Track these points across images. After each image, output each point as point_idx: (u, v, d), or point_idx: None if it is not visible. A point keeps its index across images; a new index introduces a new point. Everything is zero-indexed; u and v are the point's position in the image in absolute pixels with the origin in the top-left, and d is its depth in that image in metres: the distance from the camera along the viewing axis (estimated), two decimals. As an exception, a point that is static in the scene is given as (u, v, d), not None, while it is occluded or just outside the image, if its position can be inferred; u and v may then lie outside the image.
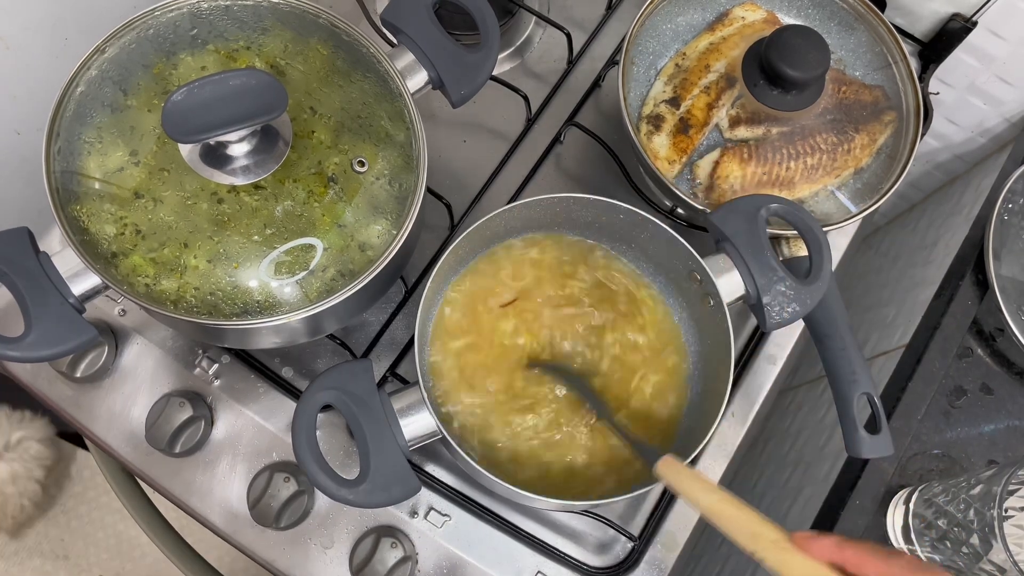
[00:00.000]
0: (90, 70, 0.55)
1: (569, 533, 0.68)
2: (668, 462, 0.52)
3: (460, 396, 0.61)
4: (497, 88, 0.77)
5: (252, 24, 0.58)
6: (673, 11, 0.73)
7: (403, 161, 0.58)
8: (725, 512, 0.47)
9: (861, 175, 0.70)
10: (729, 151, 0.68)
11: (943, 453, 0.72)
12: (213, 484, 0.67)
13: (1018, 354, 0.75)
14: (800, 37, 0.64)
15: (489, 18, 0.61)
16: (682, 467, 0.51)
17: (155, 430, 0.65)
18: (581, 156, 0.79)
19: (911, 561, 0.40)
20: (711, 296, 0.59)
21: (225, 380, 0.69)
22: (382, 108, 0.58)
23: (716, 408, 0.56)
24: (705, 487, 0.49)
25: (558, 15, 0.83)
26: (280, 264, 0.54)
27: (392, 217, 0.56)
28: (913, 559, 0.41)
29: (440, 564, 0.66)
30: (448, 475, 0.69)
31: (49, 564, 1.47)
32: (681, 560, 0.68)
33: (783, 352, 0.74)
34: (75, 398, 0.69)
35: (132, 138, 0.54)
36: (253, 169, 0.54)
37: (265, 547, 0.66)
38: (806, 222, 0.59)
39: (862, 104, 0.70)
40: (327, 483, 0.51)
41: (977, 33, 0.79)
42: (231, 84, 0.49)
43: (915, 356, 0.74)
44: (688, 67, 0.71)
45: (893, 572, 0.40)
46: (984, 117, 0.88)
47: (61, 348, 0.50)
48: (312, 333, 0.62)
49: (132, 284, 0.52)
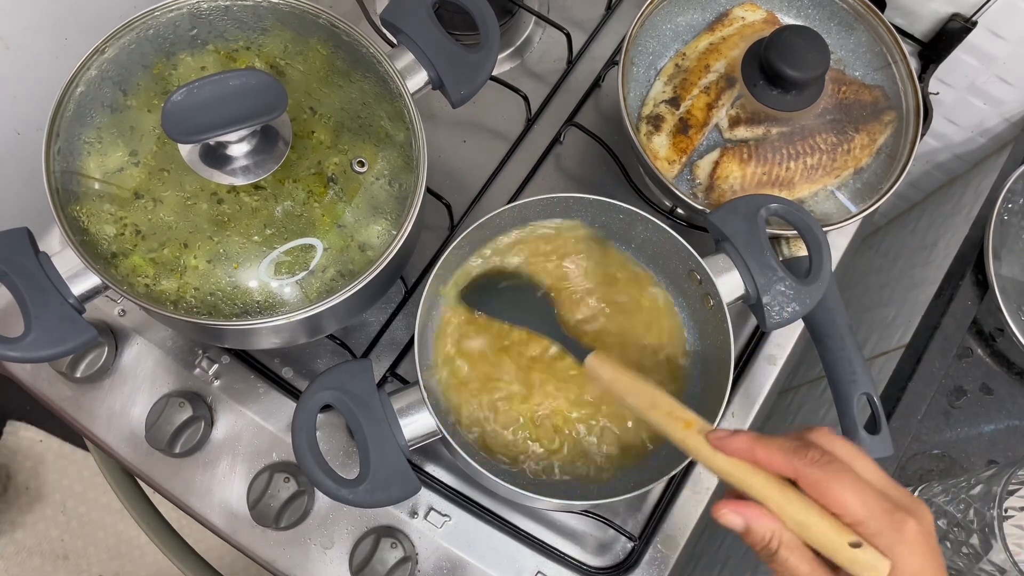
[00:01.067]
0: (90, 70, 0.55)
1: (569, 533, 0.68)
2: (596, 359, 0.55)
3: (460, 396, 0.61)
4: (497, 88, 0.77)
5: (252, 24, 0.58)
6: (673, 11, 0.73)
7: (403, 161, 0.58)
8: (635, 388, 0.50)
9: (861, 175, 0.70)
10: (729, 151, 0.68)
11: (943, 453, 0.72)
12: (213, 484, 0.67)
13: (1018, 354, 0.75)
14: (800, 37, 0.64)
15: (489, 18, 0.61)
16: (610, 362, 0.54)
17: (155, 430, 0.65)
18: (581, 156, 0.79)
19: (813, 456, 0.42)
20: (711, 296, 0.59)
21: (225, 380, 0.69)
22: (382, 108, 0.58)
23: (716, 408, 0.56)
24: (632, 378, 0.52)
25: (558, 15, 0.83)
26: (280, 264, 0.54)
27: (392, 217, 0.56)
28: (817, 451, 0.42)
29: (440, 564, 0.66)
30: (448, 475, 0.69)
31: (49, 564, 1.47)
32: (681, 560, 0.68)
33: (783, 352, 0.74)
34: (75, 398, 0.69)
35: (132, 138, 0.54)
36: (253, 169, 0.54)
37: (265, 547, 0.66)
38: (806, 222, 0.59)
39: (862, 104, 0.70)
40: (327, 483, 0.51)
41: (977, 33, 0.79)
42: (231, 84, 0.49)
43: (915, 356, 0.74)
44: (688, 67, 0.71)
45: (796, 467, 0.42)
46: (984, 117, 0.88)
47: (61, 348, 0.50)
48: (312, 333, 0.62)
49: (132, 284, 0.52)
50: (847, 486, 0.41)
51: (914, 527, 0.40)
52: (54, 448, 1.53)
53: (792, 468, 0.42)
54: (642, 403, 0.50)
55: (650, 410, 0.49)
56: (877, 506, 0.41)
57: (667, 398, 0.49)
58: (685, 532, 0.68)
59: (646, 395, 0.50)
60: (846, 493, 0.41)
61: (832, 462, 0.42)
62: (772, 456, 0.43)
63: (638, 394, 0.51)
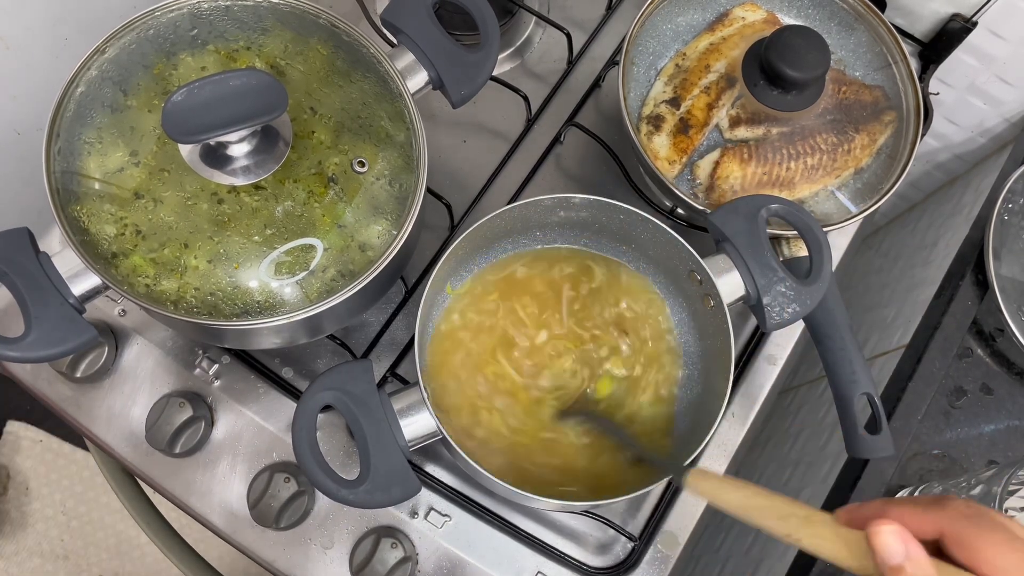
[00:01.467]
0: (90, 70, 0.55)
1: (569, 533, 0.68)
2: (698, 474, 0.49)
3: (460, 396, 0.61)
4: (497, 88, 0.77)
5: (252, 24, 0.58)
6: (673, 11, 0.73)
7: (403, 161, 0.58)
8: (755, 504, 0.44)
9: (861, 175, 0.70)
10: (729, 151, 0.68)
11: (943, 453, 0.72)
12: (213, 484, 0.67)
13: (1018, 354, 0.75)
14: (800, 37, 0.64)
15: (489, 18, 0.61)
16: (710, 474, 0.49)
17: (155, 430, 0.65)
18: (581, 156, 0.79)
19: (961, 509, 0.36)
20: (711, 296, 0.59)
21: (225, 380, 0.69)
22: (382, 108, 0.58)
23: (716, 408, 0.56)
24: (734, 486, 0.46)
25: (558, 15, 0.83)
26: (280, 264, 0.54)
27: (392, 217, 0.56)
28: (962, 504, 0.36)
29: (440, 564, 0.66)
30: (448, 475, 0.69)
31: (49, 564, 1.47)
32: (681, 560, 0.68)
33: (783, 352, 0.74)
34: (75, 398, 0.69)
35: (132, 138, 0.54)
36: (253, 169, 0.54)
37: (265, 547, 0.66)
38: (806, 222, 0.59)
39: (862, 104, 0.70)
40: (327, 483, 0.51)
41: (977, 33, 0.79)
42: (231, 84, 0.49)
43: (915, 356, 0.74)
44: (688, 67, 0.71)
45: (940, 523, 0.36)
46: (984, 117, 0.88)
47: (61, 348, 0.50)
48: (312, 333, 0.62)
49: (132, 284, 0.52)
50: (1001, 545, 0.34)
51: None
52: (54, 448, 1.53)
53: (935, 524, 0.36)
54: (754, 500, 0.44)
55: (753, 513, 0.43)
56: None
57: (776, 494, 0.44)
58: (685, 532, 0.68)
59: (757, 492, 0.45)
60: (1002, 552, 0.34)
61: (983, 516, 0.35)
62: (904, 513, 0.37)
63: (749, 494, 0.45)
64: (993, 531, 0.35)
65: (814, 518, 0.40)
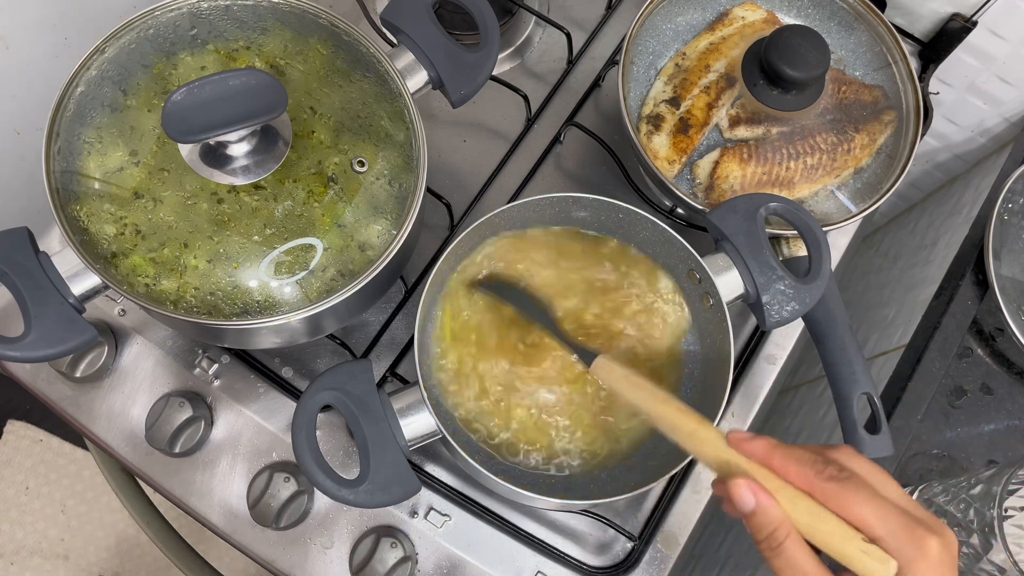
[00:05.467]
0: (90, 70, 0.55)
1: (569, 533, 0.68)
2: (604, 362, 0.55)
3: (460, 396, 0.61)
4: (497, 88, 0.77)
5: (252, 24, 0.58)
6: (673, 11, 0.73)
7: (403, 161, 0.58)
8: (649, 408, 0.50)
9: (861, 175, 0.70)
10: (729, 151, 0.68)
11: (943, 453, 0.72)
12: (213, 484, 0.67)
13: (1018, 354, 0.75)
14: (800, 37, 0.64)
15: (489, 18, 0.61)
16: (615, 366, 0.54)
17: (155, 430, 0.65)
18: (581, 156, 0.79)
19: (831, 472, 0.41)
20: (711, 295, 0.59)
21: (225, 380, 0.69)
22: (382, 108, 0.58)
23: (716, 408, 0.56)
24: (634, 385, 0.52)
25: (558, 15, 0.83)
26: (280, 264, 0.54)
27: (392, 217, 0.56)
28: (835, 467, 0.41)
29: (440, 564, 0.66)
30: (448, 475, 0.69)
31: (49, 564, 1.47)
32: (681, 560, 0.68)
33: (783, 352, 0.74)
34: (75, 398, 0.69)
35: (132, 138, 0.54)
36: (253, 169, 0.54)
37: (265, 547, 0.66)
38: (805, 221, 0.59)
39: (862, 104, 0.70)
40: (327, 483, 0.51)
41: (977, 33, 0.79)
42: (231, 84, 0.49)
43: (915, 356, 0.74)
44: (688, 67, 0.71)
45: (811, 480, 0.41)
46: (984, 117, 0.88)
47: (61, 348, 0.50)
48: (312, 333, 0.62)
49: (132, 284, 0.52)
50: (865, 501, 0.40)
51: (936, 546, 0.39)
52: (54, 448, 1.53)
53: (806, 481, 0.42)
54: (650, 404, 0.50)
55: (659, 405, 0.49)
56: (897, 523, 0.40)
57: (675, 400, 0.49)
58: (685, 532, 0.68)
59: (654, 395, 0.50)
60: (864, 508, 0.40)
61: (850, 478, 0.41)
62: (787, 465, 0.42)
63: (646, 395, 0.51)
64: (858, 491, 0.41)
65: (700, 434, 0.46)
